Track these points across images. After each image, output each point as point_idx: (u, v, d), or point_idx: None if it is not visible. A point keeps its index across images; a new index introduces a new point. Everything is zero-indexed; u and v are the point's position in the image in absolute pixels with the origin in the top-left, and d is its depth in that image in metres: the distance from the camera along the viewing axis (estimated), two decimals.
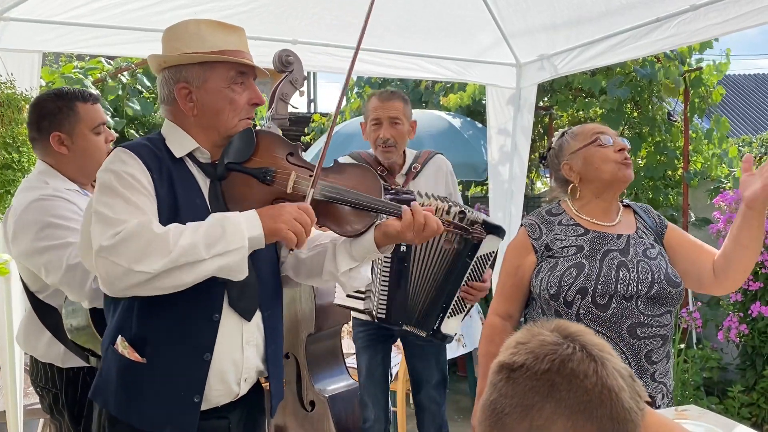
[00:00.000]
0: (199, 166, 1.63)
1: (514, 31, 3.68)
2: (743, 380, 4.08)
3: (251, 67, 1.64)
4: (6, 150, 2.57)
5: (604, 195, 1.98)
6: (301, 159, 1.67)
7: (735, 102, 15.29)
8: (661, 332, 1.86)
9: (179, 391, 1.55)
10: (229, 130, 1.62)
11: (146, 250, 1.40)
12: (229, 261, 1.44)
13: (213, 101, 1.60)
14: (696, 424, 1.63)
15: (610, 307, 1.82)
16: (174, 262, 1.40)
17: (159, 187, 1.54)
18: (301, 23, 3.39)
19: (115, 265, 1.40)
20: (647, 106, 5.14)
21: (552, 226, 1.97)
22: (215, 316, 1.56)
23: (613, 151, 1.94)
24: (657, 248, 1.94)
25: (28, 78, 2.97)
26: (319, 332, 2.43)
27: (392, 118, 2.62)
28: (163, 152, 1.60)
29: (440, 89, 6.35)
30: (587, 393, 0.86)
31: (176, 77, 1.60)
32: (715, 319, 4.55)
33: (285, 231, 1.49)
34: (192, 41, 1.59)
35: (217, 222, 1.46)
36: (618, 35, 3.31)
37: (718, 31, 2.86)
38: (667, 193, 5.07)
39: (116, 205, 1.47)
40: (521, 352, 0.91)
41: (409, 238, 1.63)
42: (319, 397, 2.37)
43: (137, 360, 1.54)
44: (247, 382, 1.66)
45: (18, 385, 3.03)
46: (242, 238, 1.45)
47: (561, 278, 1.85)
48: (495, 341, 2.00)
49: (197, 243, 1.42)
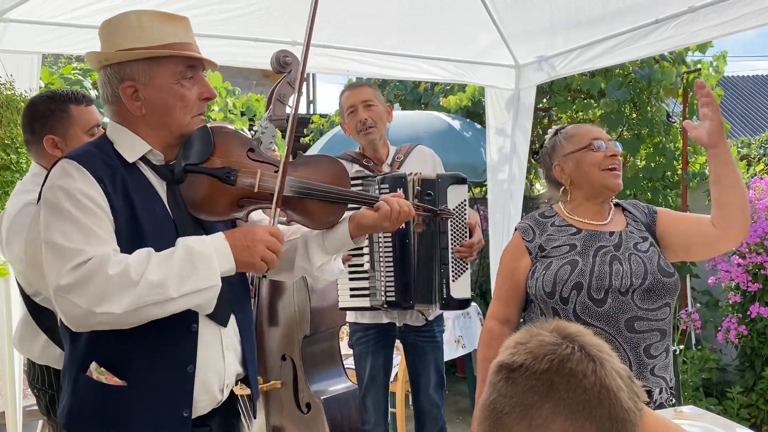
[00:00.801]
0: (154, 170, 1.53)
1: (513, 32, 3.68)
2: (742, 381, 4.08)
3: (200, 59, 1.54)
4: (5, 151, 2.57)
5: (594, 199, 1.99)
6: (262, 155, 1.60)
7: (733, 103, 15.31)
8: (659, 326, 1.87)
9: (167, 408, 1.48)
10: (181, 128, 1.53)
11: (107, 291, 1.30)
12: (199, 300, 1.38)
13: (162, 99, 1.50)
14: (694, 425, 1.63)
15: (607, 301, 1.83)
16: (140, 302, 1.32)
17: (114, 200, 1.43)
18: (300, 25, 3.39)
19: (75, 305, 1.31)
20: (646, 108, 5.14)
21: (545, 227, 1.99)
22: (193, 326, 1.50)
23: (604, 156, 1.94)
24: (648, 241, 1.95)
25: (27, 79, 2.97)
26: (316, 334, 2.42)
27: (365, 101, 2.72)
28: (113, 158, 1.49)
29: (439, 91, 6.36)
30: (586, 393, 0.87)
31: (120, 75, 1.48)
32: (714, 320, 4.56)
33: (258, 263, 1.44)
34: (134, 35, 1.48)
35: (187, 256, 1.37)
36: (617, 37, 3.32)
37: (716, 32, 2.86)
38: (665, 194, 5.08)
39: (70, 233, 1.35)
40: (520, 352, 0.92)
41: (386, 226, 1.63)
42: (315, 400, 2.36)
43: (117, 384, 1.45)
44: (228, 387, 1.62)
45: (17, 387, 3.03)
46: (215, 275, 1.38)
47: (555, 275, 1.87)
48: (493, 346, 2.00)
49: (166, 281, 1.33)
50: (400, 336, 2.77)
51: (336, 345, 2.61)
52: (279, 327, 2.48)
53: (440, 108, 6.10)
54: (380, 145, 2.77)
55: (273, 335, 2.50)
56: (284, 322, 2.47)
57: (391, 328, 2.71)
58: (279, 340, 2.47)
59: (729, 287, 4.05)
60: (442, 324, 2.84)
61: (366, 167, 2.74)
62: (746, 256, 3.93)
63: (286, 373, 2.44)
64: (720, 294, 4.49)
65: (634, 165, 5.30)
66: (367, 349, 2.77)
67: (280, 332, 2.47)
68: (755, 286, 3.90)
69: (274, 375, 2.48)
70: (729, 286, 4.04)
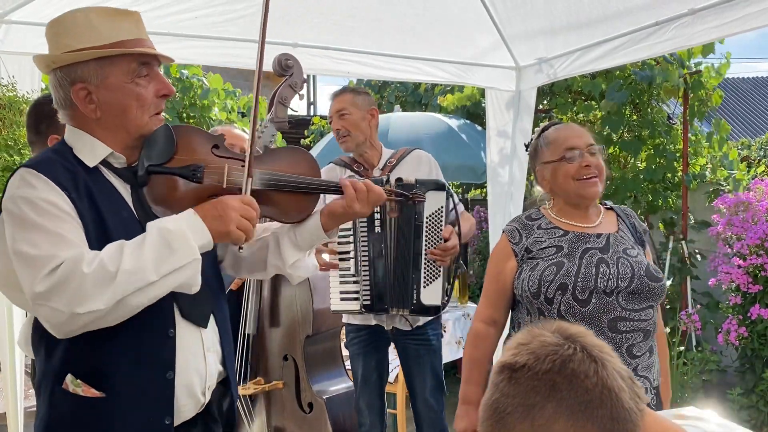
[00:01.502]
0: (116, 173, 1.47)
1: (513, 34, 3.69)
2: (742, 383, 4.08)
3: (154, 56, 1.47)
4: (7, 152, 2.57)
5: (575, 206, 1.99)
6: (227, 150, 1.55)
7: (733, 105, 15.32)
8: (643, 326, 1.87)
9: (148, 417, 1.43)
10: (140, 128, 1.47)
11: (86, 290, 1.26)
12: (181, 278, 1.34)
13: (117, 99, 1.43)
14: (695, 426, 1.64)
15: (591, 302, 1.84)
16: (122, 292, 1.27)
17: (79, 205, 1.37)
18: (301, 27, 3.40)
19: (57, 311, 1.27)
20: (646, 109, 5.15)
21: (531, 230, 1.99)
22: (170, 331, 1.45)
23: (579, 167, 1.93)
24: (638, 250, 1.95)
25: (29, 81, 2.97)
26: (317, 334, 2.43)
27: (338, 111, 2.77)
28: (74, 164, 1.42)
29: (440, 92, 6.37)
30: (588, 393, 0.87)
31: (71, 77, 1.41)
32: (714, 321, 4.56)
33: (234, 231, 1.39)
34: (82, 34, 1.40)
35: (160, 237, 1.33)
36: (617, 38, 3.32)
37: (716, 34, 2.87)
38: (666, 196, 5.09)
39: (38, 241, 1.29)
40: (523, 353, 0.92)
41: (357, 209, 1.58)
42: (317, 399, 2.37)
43: (95, 395, 1.40)
44: (210, 389, 1.57)
45: (18, 388, 3.04)
46: (192, 251, 1.34)
47: (541, 276, 1.87)
48: (479, 346, 2.03)
49: (144, 266, 1.29)
50: (393, 339, 2.77)
51: (337, 345, 2.62)
52: (281, 327, 2.49)
53: (438, 107, 6.11)
54: (366, 150, 2.79)
55: (275, 335, 2.50)
56: (286, 322, 2.47)
57: (383, 330, 2.71)
58: (281, 340, 2.48)
59: (729, 289, 4.05)
60: (438, 327, 2.82)
61: (357, 172, 2.75)
62: (747, 257, 3.93)
63: (288, 373, 2.44)
64: (720, 295, 4.49)
65: (634, 166, 5.31)
66: (360, 350, 2.77)
67: (282, 332, 2.48)
68: (756, 287, 3.90)
69: (275, 375, 2.48)
70: (729, 287, 4.04)
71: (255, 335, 2.53)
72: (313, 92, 13.85)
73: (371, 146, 2.80)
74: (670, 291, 4.94)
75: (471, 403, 2.03)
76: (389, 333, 2.72)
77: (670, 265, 4.92)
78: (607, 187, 5.19)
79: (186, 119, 4.81)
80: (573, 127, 2.06)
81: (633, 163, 5.39)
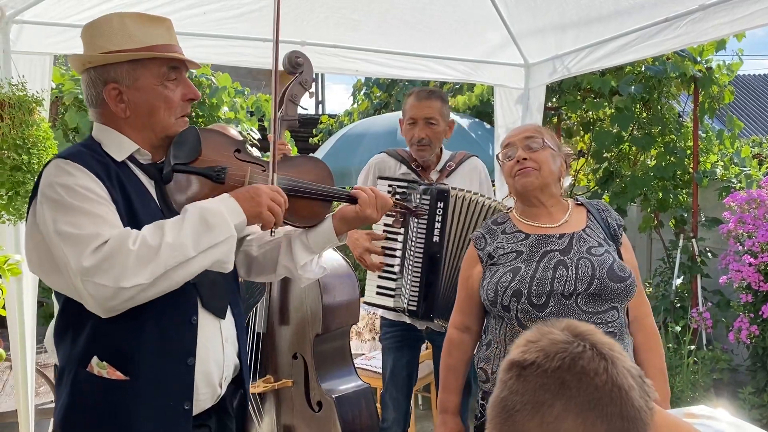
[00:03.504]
0: (142, 168, 1.55)
1: (522, 31, 3.68)
2: (754, 382, 4.05)
3: (183, 61, 1.56)
4: (16, 152, 2.58)
5: (526, 203, 1.96)
6: (249, 155, 1.63)
7: (744, 102, 15.20)
8: (607, 329, 1.77)
9: (168, 402, 1.49)
10: (166, 129, 1.55)
11: (132, 263, 1.32)
12: (218, 254, 1.41)
13: (146, 100, 1.51)
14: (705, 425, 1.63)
15: (548, 306, 1.77)
16: (164, 266, 1.34)
17: (114, 195, 1.45)
18: (309, 24, 3.40)
19: (102, 286, 1.32)
20: (657, 106, 5.12)
21: (496, 235, 1.96)
22: (193, 318, 1.52)
23: (514, 163, 1.91)
24: (606, 247, 1.87)
25: (39, 80, 2.99)
26: (327, 333, 2.43)
27: (427, 119, 2.64)
28: (104, 157, 1.51)
29: (449, 90, 6.35)
30: (597, 391, 0.87)
31: (104, 78, 1.50)
32: (725, 320, 4.53)
33: (266, 213, 1.48)
34: (117, 38, 1.49)
35: (199, 215, 1.40)
36: (627, 35, 3.30)
37: (726, 30, 2.84)
38: (676, 194, 5.05)
39: (80, 222, 1.36)
40: (532, 350, 0.91)
41: (369, 213, 1.66)
42: (326, 398, 2.37)
43: (119, 378, 1.45)
44: (226, 380, 1.64)
45: (30, 385, 3.05)
46: (228, 227, 1.42)
47: (497, 284, 1.83)
48: (453, 354, 2.02)
49: (184, 241, 1.36)
50: (427, 336, 2.77)
51: (347, 344, 2.62)
52: (290, 326, 2.49)
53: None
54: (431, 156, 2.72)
55: (284, 334, 2.50)
56: (296, 320, 2.47)
57: (415, 329, 2.70)
58: (290, 338, 2.48)
59: (740, 287, 4.02)
60: None
61: (414, 171, 2.70)
62: (758, 255, 3.90)
63: (298, 372, 2.44)
64: (731, 294, 4.46)
65: (644, 164, 5.28)
66: (392, 344, 2.77)
67: (292, 331, 2.48)
68: (767, 285, 3.87)
69: (285, 373, 2.48)
70: (740, 285, 4.01)
71: (265, 333, 2.54)
72: (322, 91, 13.86)
73: (437, 153, 2.74)
74: (681, 289, 4.91)
75: (449, 412, 2.02)
76: (423, 332, 2.72)
77: (681, 263, 4.89)
78: (616, 184, 5.18)
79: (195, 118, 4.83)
80: (522, 126, 2.07)
81: (643, 160, 5.36)
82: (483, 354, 1.92)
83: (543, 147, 1.91)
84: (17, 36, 2.92)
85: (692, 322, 4.46)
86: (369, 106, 7.77)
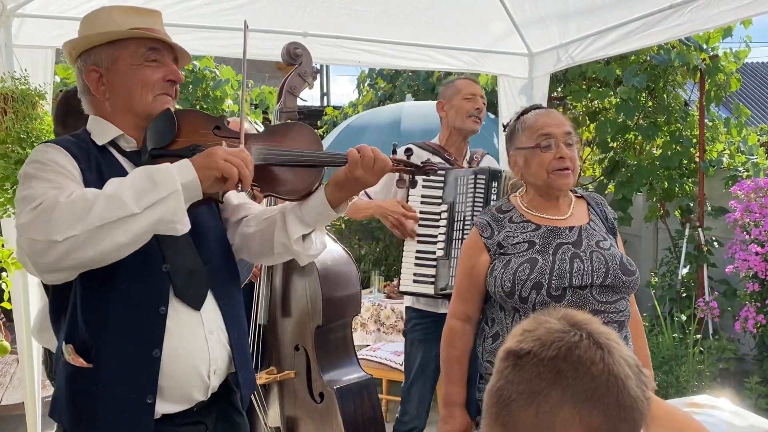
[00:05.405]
0: (125, 155, 1.54)
1: (525, 20, 3.66)
2: (760, 371, 4.04)
3: (166, 44, 1.54)
4: (20, 145, 2.59)
5: (546, 196, 1.94)
6: (229, 130, 1.57)
7: (752, 90, 15.07)
8: (617, 318, 1.83)
9: (130, 394, 1.44)
10: (145, 108, 1.52)
11: (64, 215, 1.28)
12: (163, 211, 1.31)
13: (123, 81, 1.51)
14: (708, 414, 1.62)
15: (565, 297, 1.79)
16: (100, 218, 1.27)
17: (88, 176, 1.44)
18: (311, 15, 3.39)
19: (35, 241, 1.28)
20: (662, 95, 5.08)
21: (503, 223, 1.93)
22: (161, 308, 1.46)
23: (553, 158, 1.86)
24: (609, 240, 1.91)
25: (42, 74, 3.00)
26: (328, 324, 2.43)
27: (480, 94, 2.91)
28: (88, 144, 1.52)
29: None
30: (594, 380, 0.86)
31: (87, 63, 1.52)
32: (731, 309, 4.51)
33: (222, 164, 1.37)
34: (100, 24, 1.52)
35: (143, 172, 1.35)
36: (631, 23, 3.28)
37: (732, 17, 2.82)
38: (682, 183, 5.02)
39: (33, 185, 1.37)
40: (528, 339, 0.91)
41: (359, 175, 1.51)
42: (328, 389, 2.37)
43: (82, 365, 1.44)
44: (217, 374, 1.57)
45: (36, 378, 3.08)
46: (173, 183, 1.33)
47: (515, 275, 1.81)
48: (456, 345, 1.99)
49: (122, 195, 1.29)
50: None
51: (349, 335, 2.62)
52: (292, 317, 2.49)
53: None
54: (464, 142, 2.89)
55: (286, 325, 2.51)
56: (297, 312, 2.48)
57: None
58: (292, 330, 2.48)
59: (747, 276, 4.00)
60: None
61: (447, 161, 2.80)
62: (764, 244, 3.88)
63: (300, 363, 2.45)
64: (738, 283, 4.44)
65: (650, 153, 5.25)
66: (422, 336, 2.74)
67: (293, 322, 2.48)
68: None
69: (287, 365, 2.49)
70: (747, 274, 3.99)
71: (267, 325, 2.54)
72: (327, 82, 13.82)
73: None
74: (687, 279, 4.88)
75: (455, 404, 1.99)
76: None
77: (687, 253, 4.87)
78: (622, 174, 5.16)
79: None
80: (553, 114, 1.96)
81: (649, 149, 5.33)
82: (489, 347, 1.90)
83: (576, 145, 1.92)
84: (19, 30, 2.93)
85: (699, 312, 4.44)
86: (373, 98, 7.75)
